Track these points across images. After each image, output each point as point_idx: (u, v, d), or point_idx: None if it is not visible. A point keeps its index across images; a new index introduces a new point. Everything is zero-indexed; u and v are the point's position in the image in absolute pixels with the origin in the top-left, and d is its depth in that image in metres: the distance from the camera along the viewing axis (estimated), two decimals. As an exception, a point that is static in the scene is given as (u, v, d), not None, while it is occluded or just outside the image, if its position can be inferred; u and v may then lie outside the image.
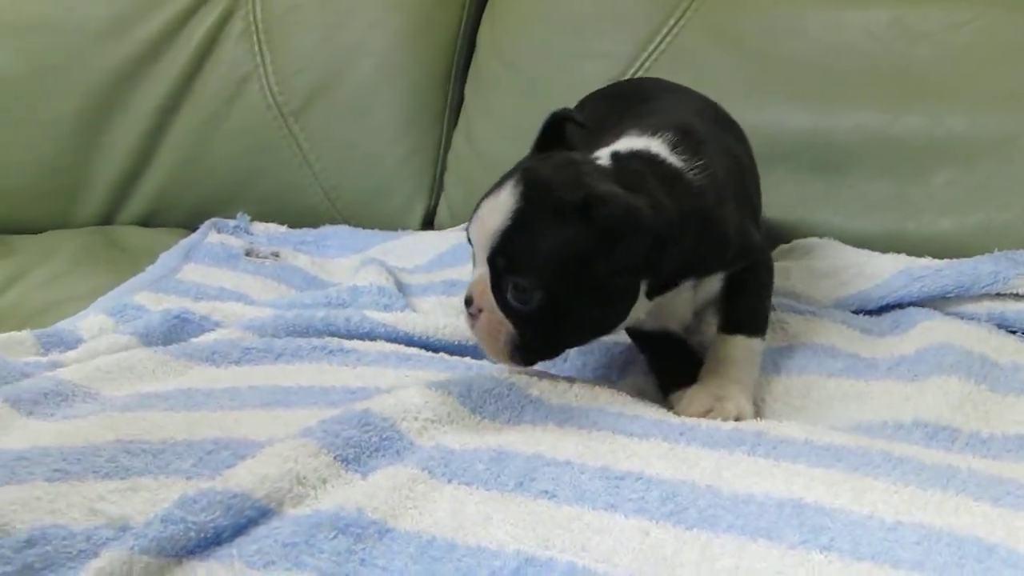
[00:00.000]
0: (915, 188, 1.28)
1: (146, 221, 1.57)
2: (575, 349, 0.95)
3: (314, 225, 1.46)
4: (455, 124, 1.52)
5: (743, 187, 0.93)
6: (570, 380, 0.85)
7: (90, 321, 1.07)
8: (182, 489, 0.69)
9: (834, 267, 1.15)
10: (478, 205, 0.82)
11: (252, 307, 1.08)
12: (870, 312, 1.10)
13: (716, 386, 0.87)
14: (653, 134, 0.87)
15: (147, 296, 1.14)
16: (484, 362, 0.95)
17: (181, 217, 1.55)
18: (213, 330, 1.00)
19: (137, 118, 1.57)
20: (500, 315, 0.81)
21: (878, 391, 0.94)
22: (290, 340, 0.94)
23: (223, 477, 0.68)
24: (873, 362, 0.99)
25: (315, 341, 0.94)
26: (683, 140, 0.87)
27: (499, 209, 0.80)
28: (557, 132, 0.88)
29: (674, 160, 0.86)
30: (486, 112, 1.47)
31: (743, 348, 0.89)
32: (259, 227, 1.45)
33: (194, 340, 0.96)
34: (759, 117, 1.32)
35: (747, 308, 0.90)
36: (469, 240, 0.83)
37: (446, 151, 1.51)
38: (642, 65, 1.39)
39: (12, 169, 1.59)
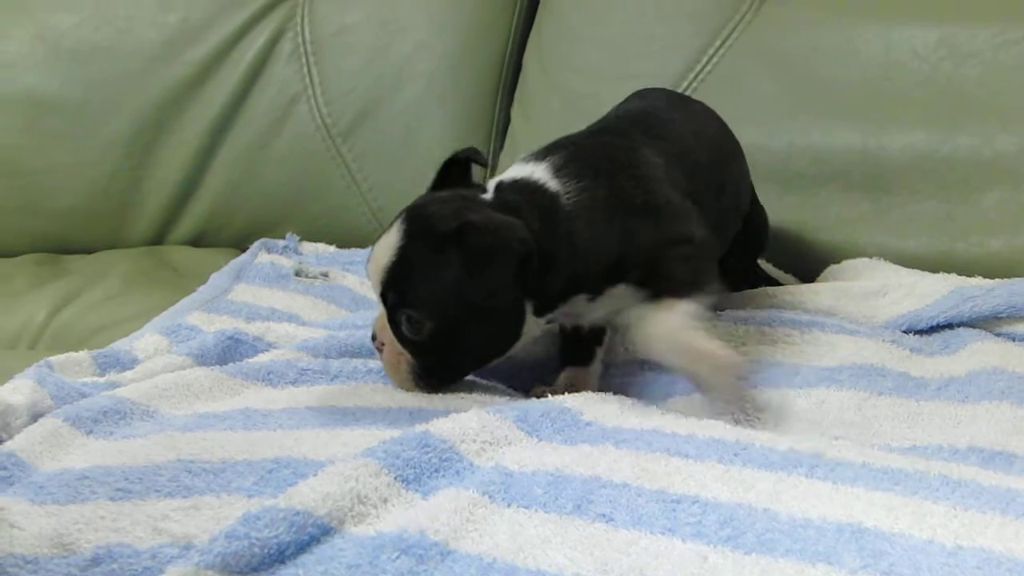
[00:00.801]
0: (965, 208, 1.27)
1: (196, 241, 1.60)
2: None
3: (362, 245, 1.47)
4: (502, 145, 1.53)
5: (637, 202, 0.92)
6: (622, 401, 0.86)
7: (145, 341, 1.08)
8: (244, 507, 0.70)
9: (884, 287, 1.15)
10: (373, 245, 0.87)
11: (304, 328, 1.09)
12: (920, 332, 1.10)
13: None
14: (541, 159, 0.91)
15: (199, 316, 1.16)
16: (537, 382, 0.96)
17: (231, 237, 1.57)
18: (266, 351, 1.01)
19: (188, 139, 1.59)
20: (399, 347, 0.86)
21: (928, 411, 0.93)
22: (345, 361, 0.95)
23: (286, 495, 0.69)
24: (923, 382, 0.98)
25: (370, 363, 0.95)
26: (567, 163, 0.91)
27: (387, 247, 0.85)
28: (459, 171, 0.93)
29: (552, 184, 0.89)
30: (533, 133, 1.48)
31: (665, 309, 0.87)
32: (308, 247, 1.46)
33: (249, 360, 0.97)
34: (807, 137, 1.33)
35: (668, 282, 0.88)
36: (369, 278, 0.88)
37: (493, 172, 1.52)
38: (689, 85, 1.39)
39: (66, 190, 1.62)
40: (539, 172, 0.90)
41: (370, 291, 1.29)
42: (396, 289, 0.86)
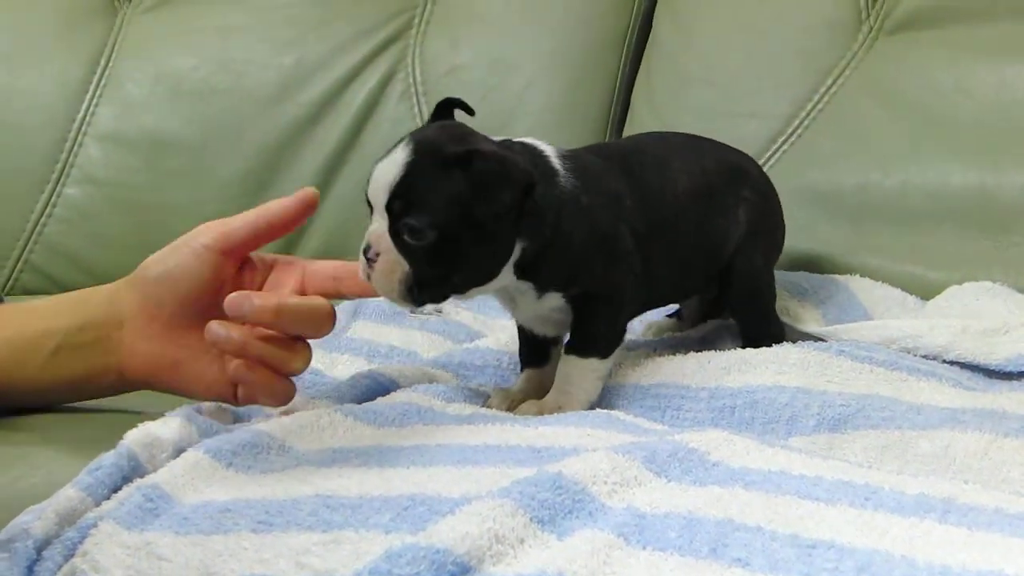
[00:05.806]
0: (1085, 246, 1.26)
1: (310, 278, 1.63)
2: None
3: (473, 281, 1.49)
4: (612, 183, 1.54)
5: (607, 221, 1.00)
6: (744, 440, 0.86)
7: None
8: (383, 543, 0.72)
9: (1004, 324, 1.13)
10: (371, 171, 0.96)
11: (433, 369, 1.11)
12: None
13: (548, 398, 1.01)
14: (547, 145, 1.00)
15: (321, 356, 1.18)
16: (658, 425, 0.97)
17: (344, 274, 1.60)
18: (395, 390, 1.04)
19: (302, 178, 1.64)
20: (396, 256, 0.93)
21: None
22: (475, 409, 0.98)
23: (426, 533, 0.70)
24: (1047, 424, 0.97)
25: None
26: (570, 158, 0.99)
27: (393, 164, 0.93)
28: (449, 116, 1.02)
29: (554, 162, 0.98)
30: (642, 171, 1.49)
31: (573, 365, 1.00)
32: (419, 283, 1.48)
33: (381, 403, 0.99)
34: (921, 175, 1.32)
35: (584, 334, 1.00)
36: (368, 202, 0.96)
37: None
38: (801, 123, 1.39)
39: (182, 228, 1.64)
40: (547, 148, 0.99)
41: (484, 327, 1.32)
42: (403, 199, 0.92)
